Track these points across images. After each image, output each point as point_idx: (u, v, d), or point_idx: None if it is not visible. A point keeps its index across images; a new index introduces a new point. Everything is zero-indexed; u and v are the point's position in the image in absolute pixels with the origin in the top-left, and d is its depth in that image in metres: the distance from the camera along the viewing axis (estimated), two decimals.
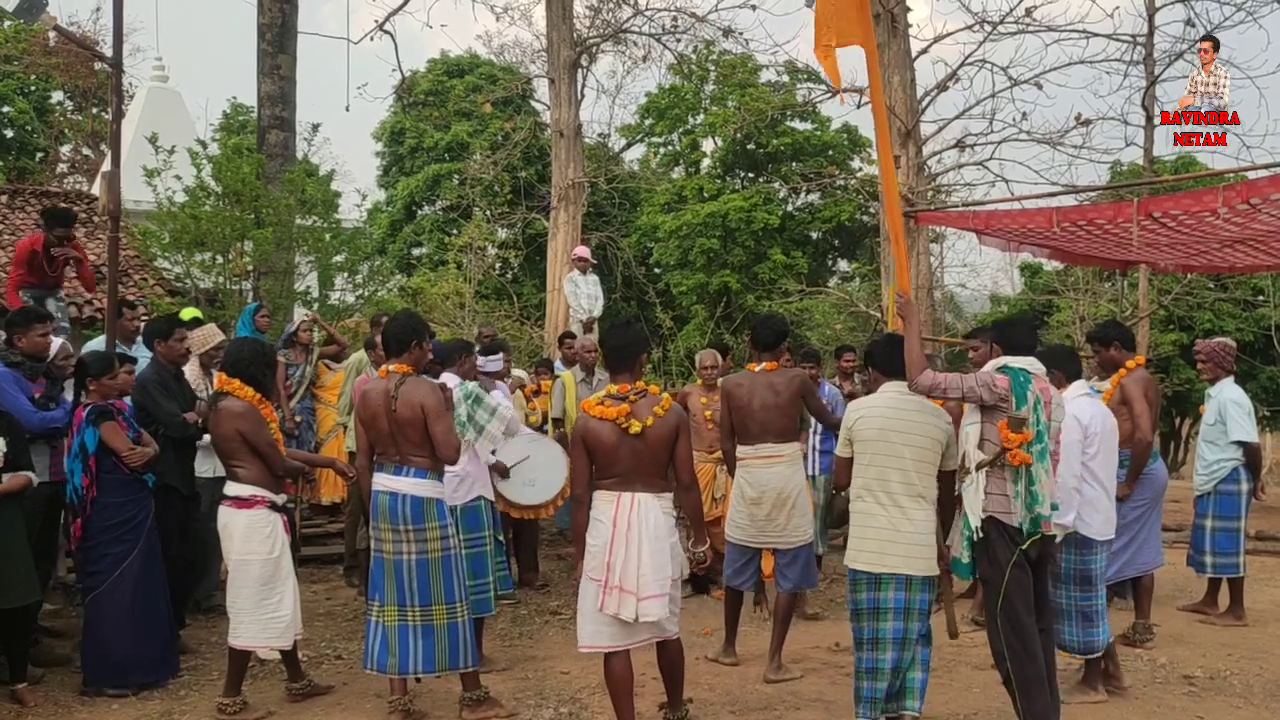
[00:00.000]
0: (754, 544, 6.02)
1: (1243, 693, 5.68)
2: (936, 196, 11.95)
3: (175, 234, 11.25)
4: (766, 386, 5.92)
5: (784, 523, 5.91)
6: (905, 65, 10.72)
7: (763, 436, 5.91)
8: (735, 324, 19.88)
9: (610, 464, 4.67)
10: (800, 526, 5.96)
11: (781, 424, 5.92)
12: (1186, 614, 7.24)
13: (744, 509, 5.95)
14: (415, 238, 24.35)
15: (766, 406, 5.89)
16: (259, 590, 5.13)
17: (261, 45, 13.23)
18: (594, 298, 11.30)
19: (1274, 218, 6.34)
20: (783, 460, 5.91)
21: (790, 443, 5.97)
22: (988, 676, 5.75)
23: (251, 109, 21.14)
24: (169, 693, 5.56)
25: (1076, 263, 11.49)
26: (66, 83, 23.62)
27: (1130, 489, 6.34)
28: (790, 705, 5.43)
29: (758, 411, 5.90)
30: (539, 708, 5.35)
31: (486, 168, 18.34)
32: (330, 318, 12.43)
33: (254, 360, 5.30)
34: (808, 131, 22.62)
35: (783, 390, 5.92)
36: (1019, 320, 5.05)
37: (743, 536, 6.01)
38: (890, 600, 4.56)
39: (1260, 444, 7.10)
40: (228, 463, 5.26)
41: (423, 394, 5.01)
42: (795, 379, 6.00)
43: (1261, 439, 7.62)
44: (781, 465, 5.90)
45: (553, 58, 13.40)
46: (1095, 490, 5.42)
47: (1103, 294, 16.75)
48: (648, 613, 4.54)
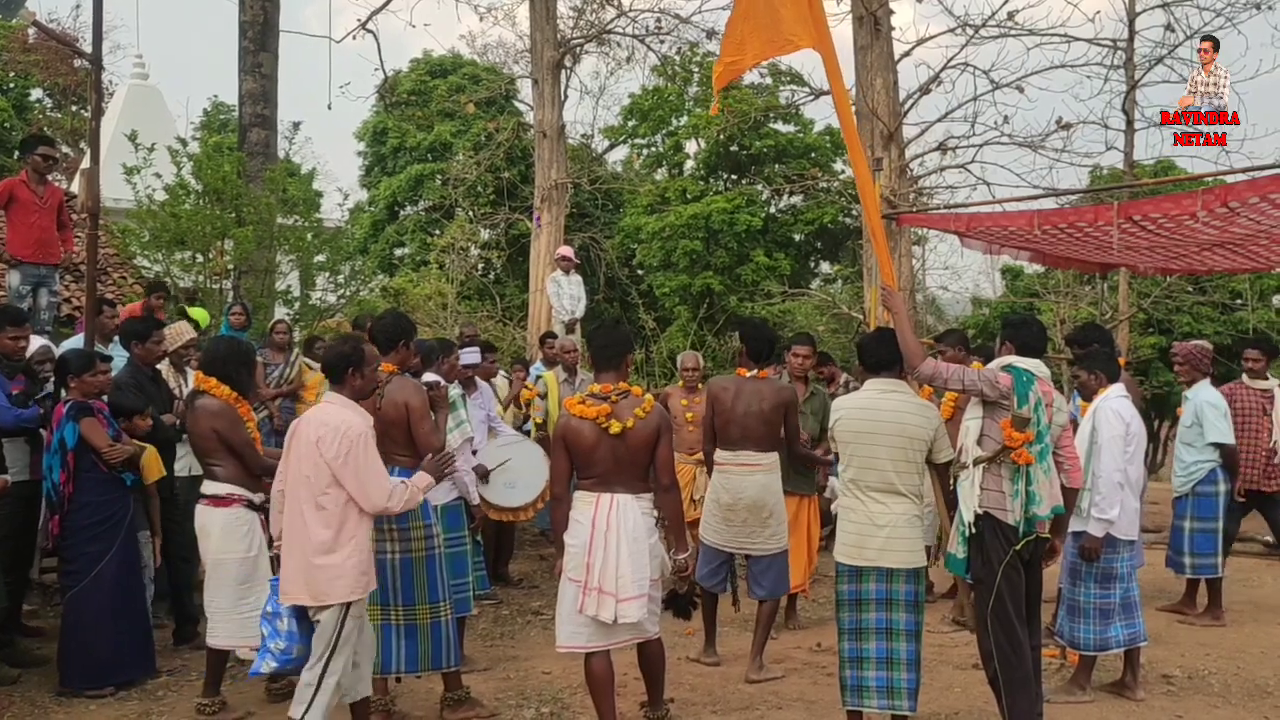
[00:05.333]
0: (728, 548, 6.03)
1: (1221, 692, 5.72)
2: (919, 199, 11.96)
3: (155, 232, 11.18)
4: (753, 393, 5.90)
5: (759, 530, 5.91)
6: (888, 68, 10.73)
7: (743, 443, 5.89)
8: (718, 325, 19.87)
9: (589, 464, 4.66)
10: (775, 535, 5.96)
11: (763, 432, 5.90)
12: (1165, 614, 7.28)
13: (718, 514, 5.94)
14: (398, 238, 24.23)
15: (750, 413, 5.87)
16: (236, 589, 5.09)
17: (243, 43, 13.18)
18: (576, 298, 11.28)
19: (1252, 221, 6.39)
20: (761, 469, 5.88)
21: (770, 452, 5.93)
22: (969, 676, 5.78)
23: (232, 107, 21.05)
24: (147, 693, 5.52)
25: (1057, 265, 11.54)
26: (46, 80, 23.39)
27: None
28: (772, 705, 5.43)
29: (741, 417, 5.88)
30: (520, 708, 5.34)
31: (469, 168, 18.28)
32: (312, 318, 12.39)
33: (230, 359, 5.28)
34: (790, 134, 22.65)
35: (769, 399, 5.90)
36: (1032, 321, 5.04)
37: (717, 540, 6.00)
38: (872, 592, 4.58)
39: (1237, 445, 7.15)
40: (205, 461, 5.23)
41: (407, 394, 5.01)
42: (783, 391, 6.00)
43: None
44: (760, 474, 5.88)
45: (536, 58, 13.37)
46: (1124, 489, 5.47)
47: (1083, 297, 16.82)
48: (626, 614, 4.53)
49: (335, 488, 4.34)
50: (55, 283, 8.23)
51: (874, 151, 10.06)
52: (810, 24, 5.09)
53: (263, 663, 4.54)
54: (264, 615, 4.57)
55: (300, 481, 4.39)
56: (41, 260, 7.88)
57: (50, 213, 7.90)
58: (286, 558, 4.45)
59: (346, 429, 4.35)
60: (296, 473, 4.41)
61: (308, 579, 4.35)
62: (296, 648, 4.51)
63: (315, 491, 4.35)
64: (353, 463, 4.33)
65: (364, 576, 4.43)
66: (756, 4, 5.23)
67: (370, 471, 4.38)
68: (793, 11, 5.10)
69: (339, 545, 4.35)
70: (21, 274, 7.80)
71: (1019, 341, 4.76)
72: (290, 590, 4.42)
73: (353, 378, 4.57)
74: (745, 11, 5.28)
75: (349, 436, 4.34)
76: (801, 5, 5.10)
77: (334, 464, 4.32)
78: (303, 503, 4.38)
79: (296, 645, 4.50)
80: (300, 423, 4.53)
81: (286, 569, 4.45)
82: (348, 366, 4.56)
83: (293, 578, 4.41)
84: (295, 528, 4.41)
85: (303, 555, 4.36)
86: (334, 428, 4.35)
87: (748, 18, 5.27)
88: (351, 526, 4.38)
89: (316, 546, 4.34)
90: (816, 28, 5.12)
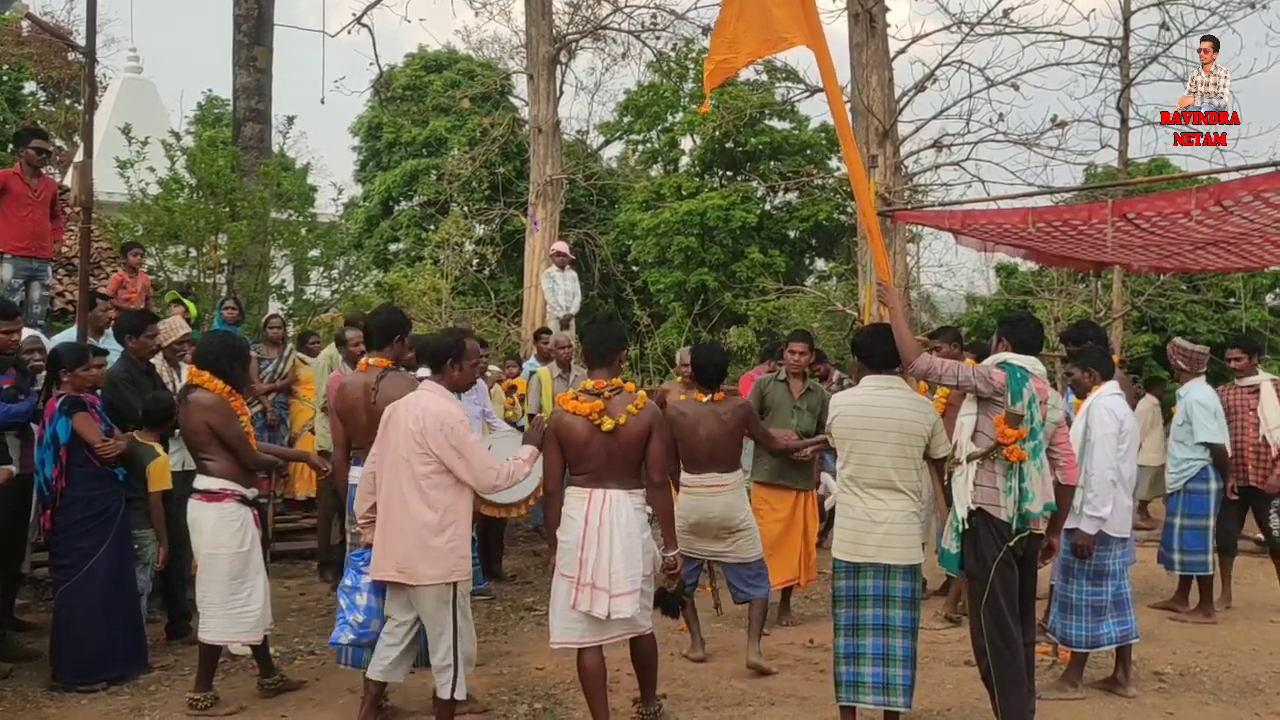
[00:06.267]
0: (698, 557, 6.07)
1: (1212, 689, 5.73)
2: (914, 196, 11.98)
3: (149, 226, 11.15)
4: (712, 416, 5.94)
5: (731, 541, 5.98)
6: (884, 65, 10.74)
7: (709, 466, 5.93)
8: (713, 322, 19.89)
9: (582, 459, 4.66)
10: (747, 546, 6.02)
11: (728, 453, 5.98)
12: (1157, 611, 7.31)
13: (688, 530, 5.94)
14: (392, 233, 24.20)
15: (713, 437, 5.92)
16: (228, 584, 5.09)
17: (237, 37, 13.13)
18: (571, 294, 11.27)
19: (1245, 220, 6.41)
20: (728, 489, 5.94)
21: (734, 471, 6.00)
22: (961, 673, 5.78)
23: (227, 102, 21.00)
24: (139, 687, 5.50)
25: (1052, 263, 11.56)
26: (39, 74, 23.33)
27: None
28: (765, 701, 5.43)
29: (704, 442, 5.93)
30: (513, 704, 5.34)
31: (464, 163, 18.23)
32: (306, 313, 12.37)
33: (224, 353, 5.27)
34: (786, 131, 22.64)
35: (729, 420, 5.96)
36: (1029, 318, 5.04)
37: (688, 551, 5.99)
38: (869, 588, 4.58)
39: (1225, 445, 7.16)
40: (197, 456, 5.22)
41: (402, 389, 5.00)
42: (740, 409, 6.08)
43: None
44: (727, 494, 5.93)
45: (531, 54, 13.36)
46: (1117, 487, 5.48)
47: (1077, 295, 16.85)
48: (620, 610, 4.54)
49: (439, 474, 4.48)
50: (48, 276, 8.21)
51: (869, 148, 10.06)
52: (803, 21, 5.09)
53: (341, 634, 4.78)
54: (341, 589, 4.80)
55: (399, 464, 4.49)
56: (34, 254, 7.85)
57: (43, 206, 7.88)
58: (380, 537, 4.56)
59: (447, 417, 4.48)
60: (394, 456, 4.51)
61: (403, 559, 4.46)
62: (375, 621, 4.79)
63: (418, 476, 4.47)
64: (460, 450, 4.47)
65: (462, 561, 4.56)
66: (749, 2, 5.23)
67: (477, 454, 4.53)
68: (785, 10, 5.10)
69: (442, 528, 4.47)
70: (14, 267, 7.77)
71: (1015, 338, 4.76)
72: (383, 567, 4.53)
73: (451, 369, 4.70)
74: (738, 10, 5.28)
75: (451, 425, 4.47)
76: (794, 3, 5.09)
77: (441, 452, 4.45)
78: (404, 486, 4.49)
79: (375, 619, 4.78)
80: (396, 408, 4.60)
81: (380, 548, 4.54)
82: (448, 357, 4.70)
83: (387, 556, 4.51)
84: (394, 509, 4.50)
85: (402, 536, 4.48)
86: (436, 417, 4.47)
87: (741, 16, 5.27)
88: (454, 510, 4.52)
89: (421, 528, 4.45)
90: (809, 25, 5.12)
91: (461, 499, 4.56)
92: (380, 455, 4.60)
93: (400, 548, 4.47)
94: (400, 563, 4.48)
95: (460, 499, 4.55)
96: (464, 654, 4.61)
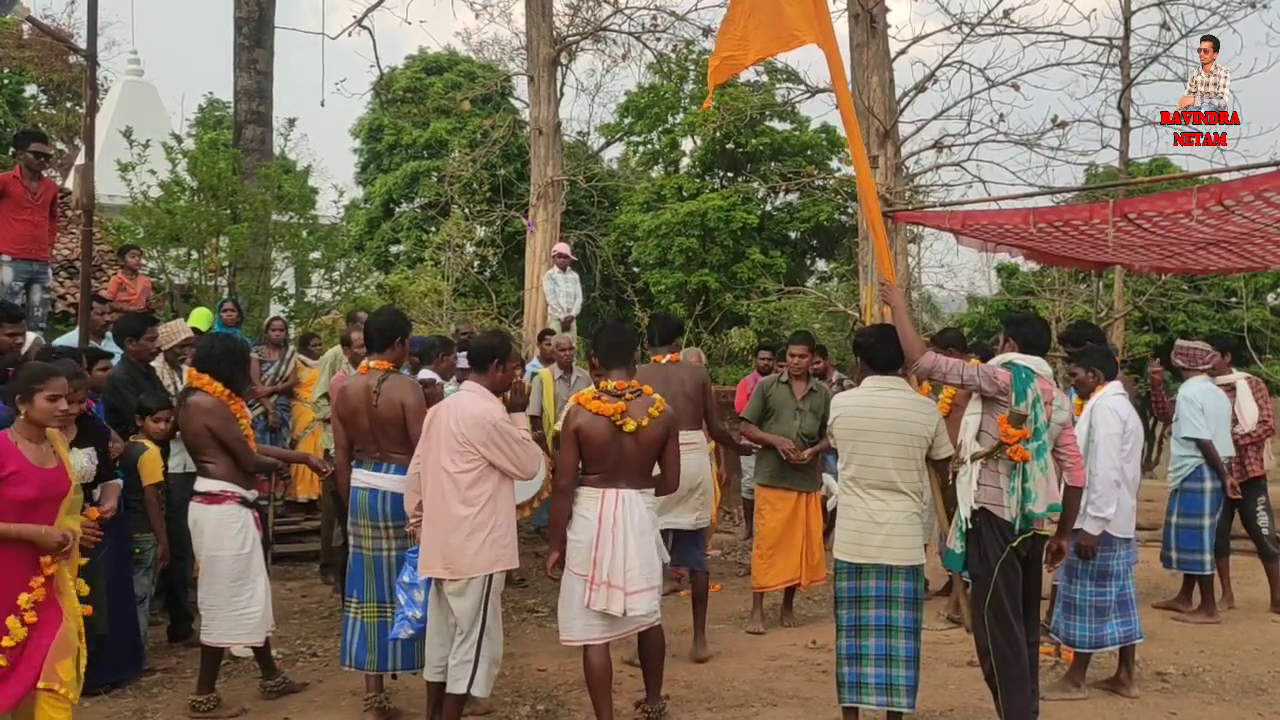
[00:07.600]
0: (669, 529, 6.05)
1: (1215, 689, 5.73)
2: (915, 197, 11.96)
3: (150, 229, 11.16)
4: (675, 377, 6.05)
5: (689, 502, 6.04)
6: (884, 66, 10.73)
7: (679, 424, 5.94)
8: (714, 323, 19.88)
9: (598, 459, 4.68)
10: (703, 510, 6.16)
11: (690, 411, 6.06)
12: (1160, 611, 7.30)
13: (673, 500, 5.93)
14: (393, 235, 24.20)
15: (678, 395, 5.94)
16: (230, 587, 5.10)
17: (238, 39, 13.15)
18: (573, 296, 11.26)
19: (1247, 220, 6.40)
20: (696, 447, 6.06)
21: (696, 430, 6.11)
22: (964, 673, 5.78)
23: (228, 104, 21.01)
24: (141, 690, 5.51)
25: (1053, 263, 11.55)
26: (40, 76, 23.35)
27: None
28: (767, 702, 5.43)
29: (671, 399, 5.87)
30: (515, 705, 5.33)
31: (465, 165, 18.22)
32: (307, 315, 12.38)
33: (224, 356, 5.27)
34: (786, 131, 22.63)
35: (689, 380, 6.11)
36: (1035, 318, 5.04)
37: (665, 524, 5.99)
38: (872, 589, 4.57)
39: (1210, 440, 7.13)
40: (197, 458, 5.23)
41: (404, 392, 5.02)
42: (699, 372, 6.20)
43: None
44: (695, 451, 6.03)
45: (532, 55, 13.35)
46: (1121, 488, 5.47)
47: (1078, 295, 16.82)
48: (635, 607, 4.58)
49: (477, 471, 4.57)
50: (48, 279, 8.20)
51: (870, 149, 10.05)
52: (814, 19, 5.08)
53: (400, 629, 4.83)
54: (400, 585, 4.83)
55: (440, 465, 4.58)
56: (33, 256, 7.84)
57: (43, 209, 7.88)
58: (427, 535, 4.64)
59: (487, 417, 4.58)
60: (437, 457, 4.60)
61: (446, 555, 4.56)
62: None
63: (455, 473, 4.56)
64: (501, 446, 4.57)
65: (504, 551, 4.64)
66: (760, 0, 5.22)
67: (517, 447, 4.63)
68: (796, 7, 5.09)
69: (478, 525, 4.56)
70: (14, 270, 7.76)
71: (1021, 338, 4.74)
72: (429, 564, 4.64)
73: (495, 369, 4.78)
74: (749, 7, 5.27)
75: (494, 423, 4.57)
76: (806, 1, 5.09)
77: (484, 450, 4.55)
78: (444, 484, 4.58)
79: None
80: (440, 409, 4.71)
81: (426, 545, 4.65)
82: (493, 358, 4.77)
83: (433, 552, 4.62)
84: (436, 507, 4.60)
85: (443, 533, 4.58)
86: (475, 418, 4.56)
87: (752, 14, 5.25)
88: (490, 507, 4.60)
89: (456, 525, 4.54)
90: (820, 23, 5.11)
91: (501, 490, 4.65)
92: (424, 455, 4.69)
93: (443, 545, 4.56)
94: (445, 559, 4.57)
95: (500, 490, 4.64)
96: (490, 654, 4.67)
